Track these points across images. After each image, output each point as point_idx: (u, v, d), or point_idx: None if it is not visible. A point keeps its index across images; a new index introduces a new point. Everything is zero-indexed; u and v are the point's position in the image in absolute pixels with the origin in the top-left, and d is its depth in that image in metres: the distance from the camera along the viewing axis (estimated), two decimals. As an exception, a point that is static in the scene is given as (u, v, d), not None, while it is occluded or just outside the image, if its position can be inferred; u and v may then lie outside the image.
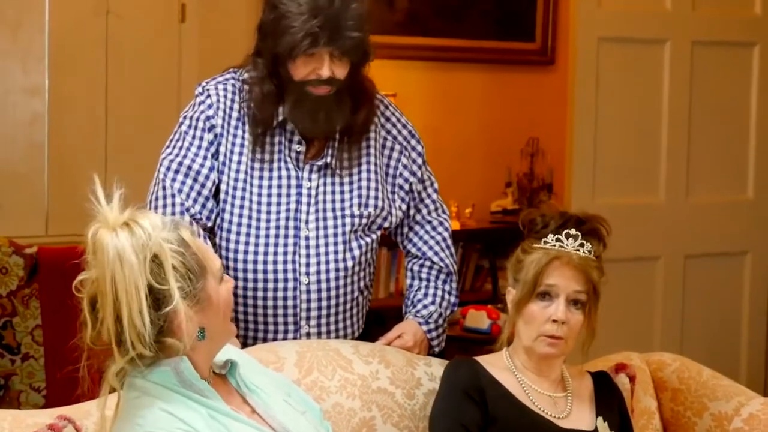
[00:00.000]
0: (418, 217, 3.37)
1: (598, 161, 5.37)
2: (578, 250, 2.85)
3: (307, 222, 3.15)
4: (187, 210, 3.11)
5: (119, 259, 2.19)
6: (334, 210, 3.18)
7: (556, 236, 2.88)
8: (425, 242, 3.36)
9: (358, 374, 3.02)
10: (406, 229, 3.37)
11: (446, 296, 3.35)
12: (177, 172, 3.13)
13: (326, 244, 3.17)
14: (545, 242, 2.88)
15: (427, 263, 3.36)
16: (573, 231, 2.87)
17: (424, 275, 3.36)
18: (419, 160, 3.32)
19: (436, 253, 3.36)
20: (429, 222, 3.38)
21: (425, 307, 3.32)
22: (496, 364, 2.93)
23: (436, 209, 3.39)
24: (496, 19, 6.41)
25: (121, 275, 2.18)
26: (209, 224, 3.15)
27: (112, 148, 5.87)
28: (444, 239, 3.38)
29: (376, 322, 3.54)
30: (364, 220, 3.21)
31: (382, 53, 3.22)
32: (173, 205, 3.11)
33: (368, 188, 3.21)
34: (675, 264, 5.58)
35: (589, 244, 2.87)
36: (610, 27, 5.36)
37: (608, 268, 2.95)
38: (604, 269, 2.92)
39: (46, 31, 5.75)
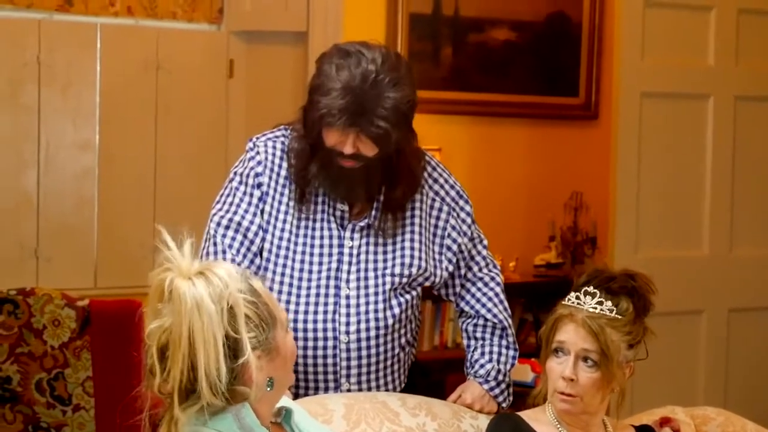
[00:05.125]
0: (470, 275, 3.36)
1: (642, 215, 5.38)
2: (595, 308, 2.83)
3: (348, 281, 3.16)
4: (238, 265, 3.09)
5: (197, 309, 2.18)
6: (375, 270, 3.18)
7: (576, 294, 2.88)
8: (478, 300, 3.36)
9: (405, 426, 3.04)
10: (458, 288, 3.37)
11: (503, 351, 3.34)
12: (227, 228, 3.16)
13: (367, 303, 3.16)
14: (568, 299, 2.89)
15: (481, 321, 3.35)
16: (591, 289, 2.86)
17: (479, 334, 3.36)
18: (468, 220, 3.32)
19: (489, 310, 3.35)
20: (481, 279, 3.37)
21: (482, 366, 3.31)
22: (539, 419, 2.92)
23: (487, 265, 3.39)
24: (540, 74, 6.45)
25: (200, 324, 2.17)
26: None
27: (161, 202, 5.94)
28: (497, 294, 3.37)
29: (420, 374, 3.55)
30: (405, 279, 3.20)
31: (427, 108, 3.23)
32: (224, 261, 3.12)
33: (411, 248, 3.21)
34: (719, 318, 5.57)
35: (610, 302, 2.84)
36: (653, 82, 5.39)
37: (651, 322, 2.94)
38: (644, 326, 2.91)
39: (96, 87, 5.85)
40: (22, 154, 5.76)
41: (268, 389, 2.31)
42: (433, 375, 5.47)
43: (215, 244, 3.16)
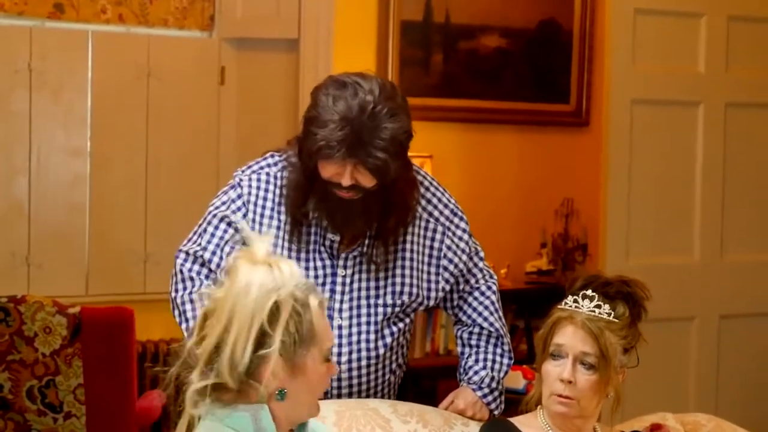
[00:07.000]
0: (467, 288, 3.36)
1: (633, 222, 5.39)
2: (593, 311, 2.84)
3: (341, 311, 3.17)
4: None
5: (245, 291, 2.26)
6: (368, 298, 3.18)
7: (574, 297, 2.88)
8: (474, 309, 3.35)
9: (396, 433, 3.05)
10: (456, 301, 3.36)
11: (497, 359, 3.34)
12: (194, 262, 3.18)
13: (359, 333, 3.18)
14: (565, 303, 2.89)
15: (476, 329, 3.35)
16: (590, 292, 2.86)
17: (473, 342, 3.36)
18: (465, 237, 3.30)
19: (485, 318, 3.34)
20: (477, 288, 3.37)
21: (476, 373, 3.31)
22: (530, 425, 2.93)
23: (484, 276, 3.38)
24: (531, 81, 6.47)
25: (242, 306, 2.25)
26: None
27: (152, 208, 5.94)
28: (492, 303, 3.36)
29: (412, 381, 3.55)
30: (398, 309, 3.21)
31: (418, 115, 3.21)
32: (186, 288, 3.18)
33: (403, 276, 3.20)
34: (710, 324, 5.58)
35: (608, 305, 2.85)
36: (644, 89, 5.40)
37: (642, 329, 2.95)
38: (638, 331, 2.92)
39: (88, 94, 5.85)
40: (14, 160, 5.75)
41: (277, 399, 2.31)
42: (424, 382, 5.47)
43: (181, 272, 3.19)
